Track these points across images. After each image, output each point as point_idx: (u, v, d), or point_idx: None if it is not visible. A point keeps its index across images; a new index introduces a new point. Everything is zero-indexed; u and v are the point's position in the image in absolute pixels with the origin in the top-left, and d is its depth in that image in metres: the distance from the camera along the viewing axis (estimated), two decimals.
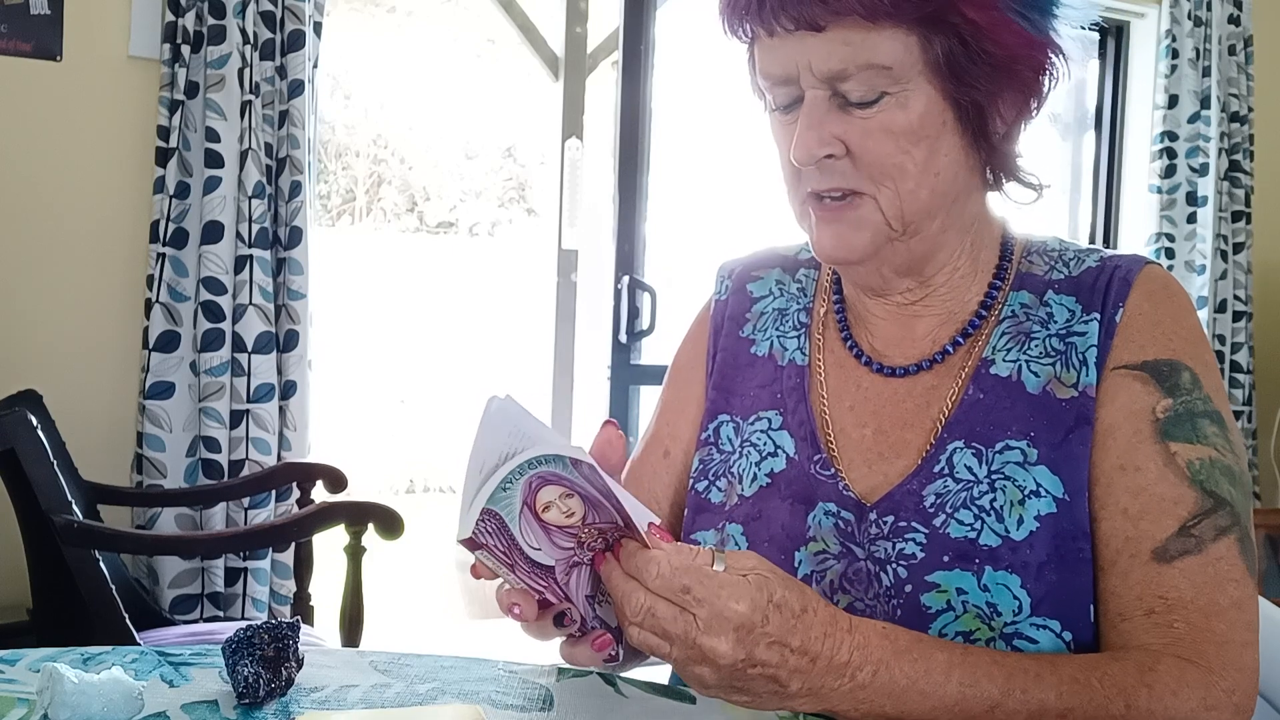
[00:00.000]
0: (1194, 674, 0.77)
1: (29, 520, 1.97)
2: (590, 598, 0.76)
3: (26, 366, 2.43)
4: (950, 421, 0.90)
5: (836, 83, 0.84)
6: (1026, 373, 0.90)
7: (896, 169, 0.85)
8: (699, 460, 1.01)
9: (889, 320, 0.96)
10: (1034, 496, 0.85)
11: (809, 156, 0.85)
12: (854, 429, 0.94)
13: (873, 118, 0.84)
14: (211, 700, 0.78)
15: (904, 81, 0.83)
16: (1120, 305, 0.89)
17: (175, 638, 2.14)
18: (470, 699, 0.80)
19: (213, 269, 2.49)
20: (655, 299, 3.08)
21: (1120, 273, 0.90)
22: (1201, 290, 3.53)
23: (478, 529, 0.71)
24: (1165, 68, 3.50)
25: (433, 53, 4.15)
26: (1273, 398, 3.72)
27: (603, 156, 3.22)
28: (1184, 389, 0.86)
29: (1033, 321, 0.92)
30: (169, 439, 2.49)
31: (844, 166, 0.85)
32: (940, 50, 0.83)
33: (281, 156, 2.56)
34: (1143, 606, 0.81)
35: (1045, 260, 0.95)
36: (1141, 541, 0.82)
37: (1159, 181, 3.54)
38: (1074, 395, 0.87)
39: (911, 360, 0.95)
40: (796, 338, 1.01)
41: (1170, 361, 0.87)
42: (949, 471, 0.88)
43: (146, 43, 2.51)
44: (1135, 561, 0.82)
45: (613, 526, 0.73)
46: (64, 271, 2.50)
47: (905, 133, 0.84)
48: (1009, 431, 0.88)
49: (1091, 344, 0.88)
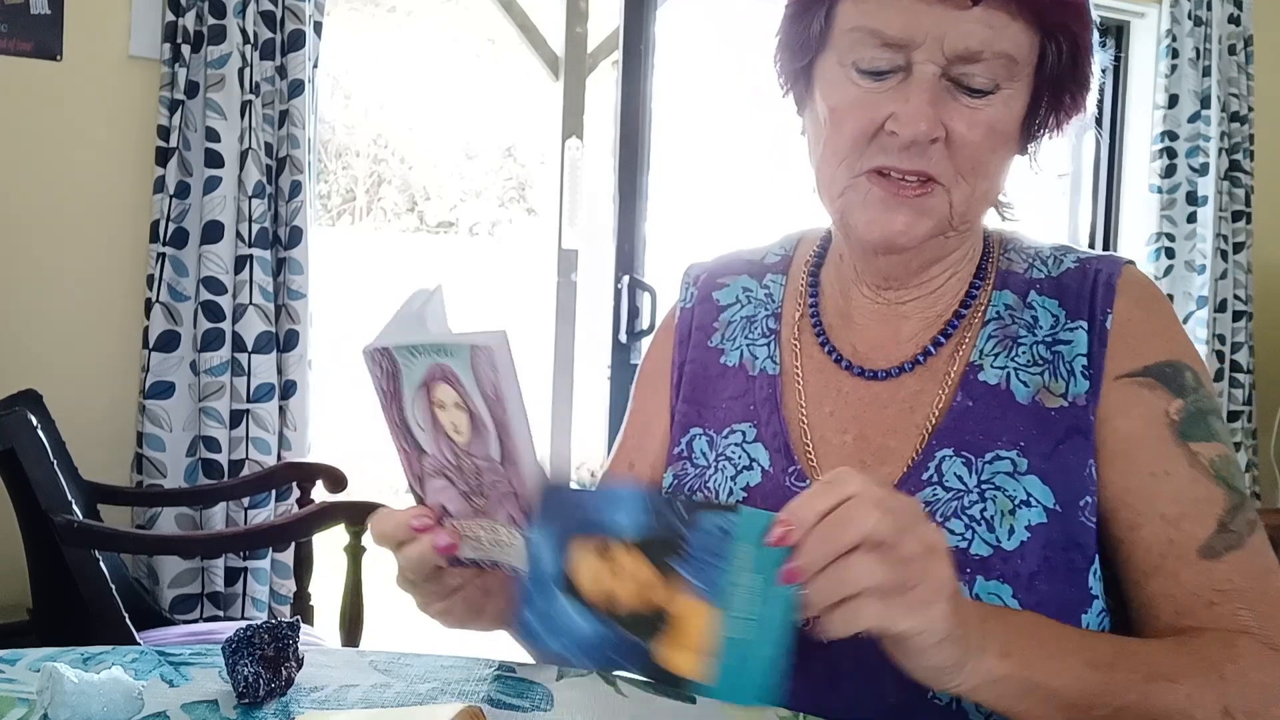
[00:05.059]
0: (1270, 655, 0.78)
1: (29, 520, 1.97)
2: (444, 511, 0.76)
3: (26, 366, 2.43)
4: (940, 429, 0.88)
5: (960, 64, 0.80)
6: (1016, 381, 0.88)
7: (983, 167, 0.83)
8: (673, 475, 0.98)
9: (875, 321, 0.94)
10: (1024, 506, 0.84)
11: (921, 134, 0.80)
12: (834, 435, 0.92)
13: (981, 110, 0.82)
14: (211, 700, 0.78)
15: (1016, 80, 0.82)
16: (1109, 311, 0.87)
17: (175, 638, 2.14)
18: (470, 699, 0.80)
19: (213, 269, 2.49)
20: (655, 299, 3.08)
21: (1103, 276, 0.89)
22: (1201, 290, 3.53)
23: (375, 356, 0.70)
24: (1165, 67, 3.50)
25: (433, 53, 4.15)
26: (1273, 398, 3.72)
27: (603, 156, 3.22)
28: (1190, 388, 0.86)
29: (1018, 325, 0.90)
30: (169, 439, 2.49)
31: (937, 152, 0.82)
32: (1052, 57, 0.83)
33: (281, 156, 2.56)
34: (1202, 601, 0.80)
35: (1023, 257, 0.93)
36: (1186, 544, 0.82)
37: (1159, 181, 3.54)
38: (1064, 405, 0.86)
39: (894, 363, 0.92)
40: (766, 345, 0.98)
41: (1171, 363, 0.86)
42: (938, 480, 0.86)
43: (146, 42, 2.51)
44: (1183, 562, 0.82)
45: (489, 468, 0.70)
46: (64, 271, 2.50)
47: (1003, 132, 0.83)
48: (999, 442, 0.86)
49: (1080, 352, 0.87)
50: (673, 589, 0.66)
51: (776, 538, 0.64)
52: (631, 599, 0.67)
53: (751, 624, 0.65)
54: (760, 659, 0.65)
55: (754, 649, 0.65)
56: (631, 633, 0.67)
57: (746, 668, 0.65)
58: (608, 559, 0.67)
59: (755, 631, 0.65)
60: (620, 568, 0.67)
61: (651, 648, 0.67)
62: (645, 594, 0.66)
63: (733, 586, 0.65)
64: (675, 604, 0.66)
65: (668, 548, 0.66)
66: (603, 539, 0.68)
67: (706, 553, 0.65)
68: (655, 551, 0.66)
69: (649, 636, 0.67)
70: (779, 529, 0.64)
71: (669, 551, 0.66)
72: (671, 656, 0.66)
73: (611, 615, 0.67)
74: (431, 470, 0.73)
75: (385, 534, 0.78)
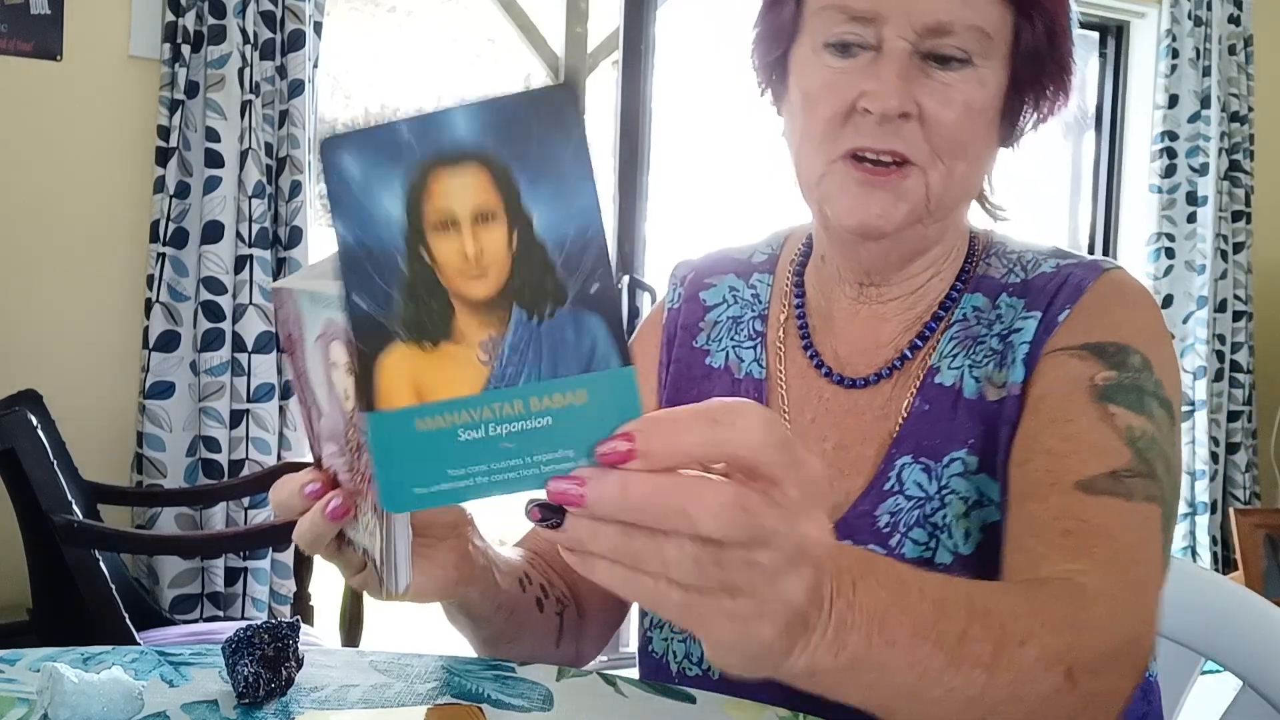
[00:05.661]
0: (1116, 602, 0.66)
1: (29, 520, 1.97)
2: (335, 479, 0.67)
3: (26, 366, 2.43)
4: (898, 436, 0.85)
5: (931, 38, 0.79)
6: (968, 378, 0.85)
7: (959, 147, 0.81)
8: None
9: (856, 322, 0.91)
10: (977, 507, 0.81)
11: (892, 109, 0.78)
12: (815, 443, 0.89)
13: (955, 85, 0.80)
14: (211, 700, 0.78)
15: (990, 57, 0.81)
16: (1068, 307, 0.82)
17: (175, 638, 2.14)
18: (470, 699, 0.80)
19: (213, 268, 2.49)
20: (655, 299, 3.08)
21: (1075, 279, 0.84)
22: (1201, 290, 3.53)
23: (282, 296, 0.64)
24: (1165, 67, 3.50)
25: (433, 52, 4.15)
26: (1273, 398, 3.72)
27: (603, 156, 3.22)
28: (1132, 367, 0.78)
29: (981, 325, 0.87)
30: (169, 439, 2.49)
31: (910, 131, 0.80)
32: (1029, 35, 0.82)
33: (282, 156, 2.56)
34: (1059, 527, 0.71)
35: (1003, 263, 0.89)
36: (1065, 474, 0.73)
37: (1159, 181, 3.54)
38: (1002, 396, 0.82)
39: (873, 369, 0.89)
40: (753, 348, 0.95)
41: (1117, 344, 0.79)
42: (899, 489, 0.84)
43: (146, 42, 2.51)
44: (1055, 489, 0.73)
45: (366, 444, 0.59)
46: (64, 271, 2.50)
47: (979, 110, 0.81)
48: (953, 443, 0.83)
49: (1026, 340, 0.82)
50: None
51: (606, 451, 0.45)
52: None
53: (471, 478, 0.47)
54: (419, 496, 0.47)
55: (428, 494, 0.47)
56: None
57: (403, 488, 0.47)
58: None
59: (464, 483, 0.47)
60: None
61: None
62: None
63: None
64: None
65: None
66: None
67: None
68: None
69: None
70: (615, 444, 0.45)
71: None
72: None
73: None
74: (328, 433, 0.66)
75: (281, 502, 0.68)
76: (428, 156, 0.45)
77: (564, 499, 0.45)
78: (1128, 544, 0.70)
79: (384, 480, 0.47)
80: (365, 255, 0.46)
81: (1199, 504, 3.54)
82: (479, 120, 0.45)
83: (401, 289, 0.46)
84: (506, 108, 0.45)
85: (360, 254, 0.46)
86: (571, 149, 0.45)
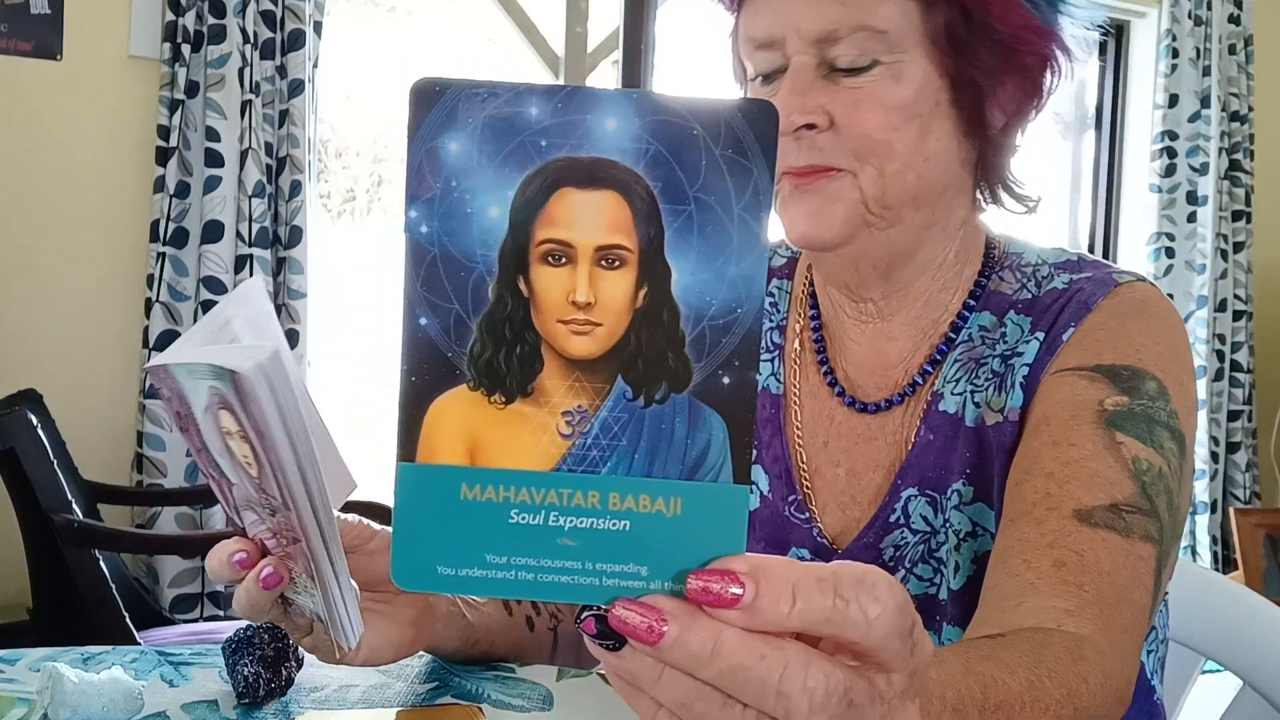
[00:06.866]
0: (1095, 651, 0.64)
1: (29, 520, 1.97)
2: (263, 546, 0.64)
3: (26, 366, 2.43)
4: (903, 467, 0.82)
5: (826, 47, 0.77)
6: (969, 404, 0.81)
7: (884, 146, 0.77)
8: None
9: (863, 343, 0.88)
10: (970, 538, 0.79)
11: (788, 124, 0.77)
12: (828, 468, 0.87)
13: (863, 88, 0.77)
14: (211, 700, 0.78)
15: (899, 51, 0.77)
16: (1072, 325, 0.79)
17: (175, 637, 2.14)
18: (470, 699, 0.80)
19: (213, 268, 2.49)
20: None
21: (1082, 295, 0.80)
22: (1201, 290, 3.53)
23: (159, 375, 0.55)
24: (1165, 67, 3.50)
25: (433, 52, 4.15)
26: (1273, 398, 3.72)
27: None
28: (1146, 394, 0.74)
29: (985, 345, 0.83)
30: (169, 438, 2.49)
31: (825, 140, 0.77)
32: (941, 19, 0.77)
33: (282, 156, 2.56)
34: (1053, 556, 0.67)
35: (1017, 277, 0.85)
36: (1064, 500, 0.70)
37: (1159, 181, 3.54)
38: (999, 421, 0.79)
39: (884, 394, 0.86)
40: (771, 361, 0.92)
41: (1132, 367, 0.75)
42: (905, 522, 0.81)
43: (146, 42, 2.51)
44: (1053, 514, 0.69)
45: (280, 506, 0.56)
46: (64, 271, 2.50)
47: (897, 107, 0.77)
48: (953, 473, 0.80)
49: (1027, 363, 0.79)
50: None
51: (702, 589, 0.37)
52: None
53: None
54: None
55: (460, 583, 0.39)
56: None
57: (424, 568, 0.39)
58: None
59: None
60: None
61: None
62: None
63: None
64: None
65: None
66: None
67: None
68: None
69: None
70: (718, 584, 0.37)
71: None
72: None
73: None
74: (242, 502, 0.62)
75: (214, 571, 0.66)
76: (558, 168, 0.36)
77: (633, 633, 0.37)
78: (1117, 584, 0.67)
79: (403, 549, 0.38)
80: (445, 264, 0.37)
81: (1199, 504, 3.54)
82: (638, 124, 0.36)
83: (483, 321, 0.37)
84: (679, 115, 0.36)
85: (439, 260, 0.37)
86: (751, 193, 0.36)
